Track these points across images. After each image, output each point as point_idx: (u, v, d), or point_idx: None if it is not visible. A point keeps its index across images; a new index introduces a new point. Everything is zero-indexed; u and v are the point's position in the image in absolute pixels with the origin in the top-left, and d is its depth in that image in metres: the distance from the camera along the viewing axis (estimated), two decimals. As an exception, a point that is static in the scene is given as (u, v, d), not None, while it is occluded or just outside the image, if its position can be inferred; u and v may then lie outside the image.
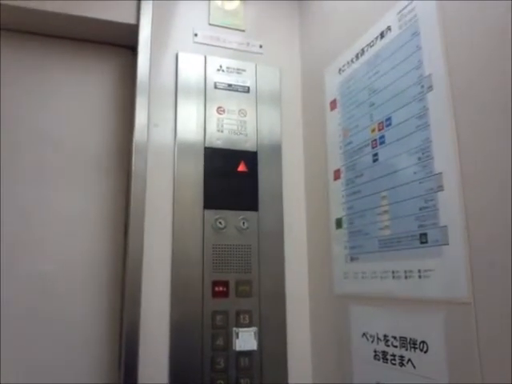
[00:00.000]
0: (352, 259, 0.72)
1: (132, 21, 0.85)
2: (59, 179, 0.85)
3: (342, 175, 0.77)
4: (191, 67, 0.88)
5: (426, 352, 0.56)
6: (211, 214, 0.82)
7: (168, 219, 0.81)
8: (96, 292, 0.83)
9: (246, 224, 0.83)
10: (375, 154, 0.69)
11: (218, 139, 0.86)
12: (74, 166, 0.86)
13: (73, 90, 0.89)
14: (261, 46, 0.95)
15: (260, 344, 0.79)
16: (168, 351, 0.76)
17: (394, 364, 0.61)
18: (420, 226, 0.58)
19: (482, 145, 0.51)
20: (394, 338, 0.61)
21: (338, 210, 0.78)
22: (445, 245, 0.54)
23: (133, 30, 0.85)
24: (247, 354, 0.78)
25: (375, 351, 0.65)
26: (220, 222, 0.82)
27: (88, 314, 0.82)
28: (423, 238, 0.57)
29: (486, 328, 0.49)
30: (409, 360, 0.58)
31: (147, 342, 0.75)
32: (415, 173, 0.60)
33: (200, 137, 0.86)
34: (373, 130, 0.70)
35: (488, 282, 0.49)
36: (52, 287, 0.81)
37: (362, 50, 0.75)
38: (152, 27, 0.86)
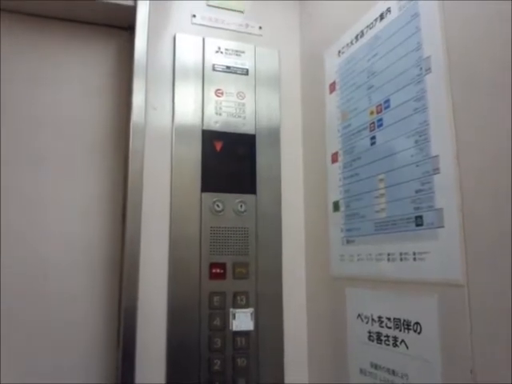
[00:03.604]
0: (348, 242, 0.73)
1: (129, 2, 0.84)
2: (56, 161, 0.85)
3: (340, 158, 0.77)
4: (189, 49, 0.88)
5: (419, 333, 0.56)
6: (209, 197, 0.82)
7: (166, 202, 0.81)
8: (94, 275, 0.84)
9: (243, 207, 0.83)
10: (373, 137, 0.69)
11: (216, 122, 0.86)
12: (71, 148, 0.86)
13: (70, 73, 0.88)
14: (260, 28, 0.94)
15: (256, 324, 0.80)
16: (165, 332, 0.77)
17: (388, 345, 0.61)
18: (416, 209, 0.58)
19: (478, 127, 0.51)
20: (389, 319, 0.62)
21: (335, 193, 0.78)
22: (440, 227, 0.54)
23: (130, 12, 0.84)
24: (244, 334, 0.79)
25: (369, 332, 0.66)
26: (218, 205, 0.82)
27: (86, 296, 0.83)
28: (419, 221, 0.58)
29: (479, 310, 0.49)
30: (402, 341, 0.59)
31: (145, 322, 0.76)
32: (412, 156, 0.60)
33: (198, 119, 0.85)
34: (371, 113, 0.70)
35: (482, 265, 0.49)
36: (50, 270, 0.81)
37: (362, 32, 0.74)
38: (149, 8, 0.84)
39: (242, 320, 0.79)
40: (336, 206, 0.77)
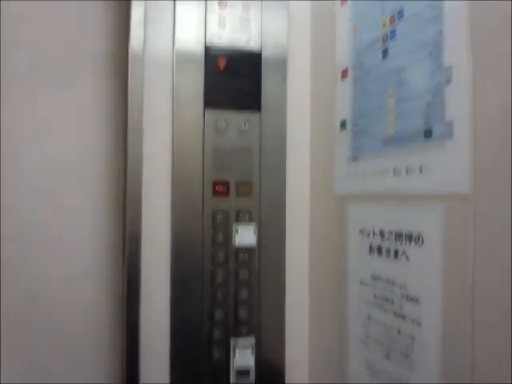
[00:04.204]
0: (354, 159, 0.72)
1: None
2: (54, 83, 0.83)
3: (350, 74, 0.74)
4: (191, -43, 0.82)
5: (420, 246, 0.57)
6: (212, 115, 0.80)
7: (168, 120, 0.79)
8: (96, 195, 0.85)
9: (247, 125, 0.82)
10: (385, 50, 0.66)
11: (219, 38, 0.82)
12: (70, 70, 0.83)
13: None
14: None
15: (259, 241, 0.82)
16: (170, 249, 0.79)
17: (389, 257, 0.63)
18: (425, 123, 0.57)
19: (495, 36, 0.48)
20: (390, 232, 0.62)
21: (343, 111, 0.76)
22: (448, 139, 0.53)
23: None
24: (246, 249, 0.81)
25: (371, 246, 0.67)
26: (221, 123, 0.81)
27: (88, 225, 0.84)
28: (427, 134, 0.56)
29: (484, 223, 0.49)
30: (403, 253, 0.60)
31: (149, 242, 0.78)
32: (424, 67, 0.57)
33: (200, 35, 0.81)
34: (384, 25, 0.66)
35: (490, 178, 0.48)
36: (49, 194, 0.82)
37: None
38: None
39: (245, 235, 0.80)
40: (343, 124, 0.76)
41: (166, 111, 0.80)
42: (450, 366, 0.53)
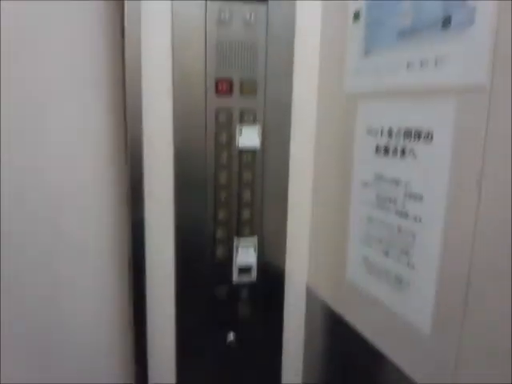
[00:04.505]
0: (366, 53, 0.67)
1: None
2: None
3: (365, -44, 0.67)
4: None
5: (429, 142, 0.55)
6: (215, 5, 0.74)
7: (167, 12, 0.73)
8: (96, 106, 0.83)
9: (253, 17, 0.76)
10: None
11: None
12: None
13: None
14: None
15: (263, 143, 0.80)
16: (172, 149, 0.77)
17: (395, 155, 0.60)
18: (445, 9, 0.52)
19: None
20: (399, 130, 0.60)
21: (356, 1, 0.69)
22: (469, 27, 0.48)
23: None
24: (250, 151, 0.79)
25: (377, 146, 0.64)
26: (224, 15, 0.75)
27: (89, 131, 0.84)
28: (446, 23, 0.51)
29: (497, 118, 0.46)
30: (411, 150, 0.57)
31: (151, 142, 0.76)
32: None
33: None
34: None
35: (510, 69, 0.45)
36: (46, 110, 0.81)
37: None
38: None
39: (249, 136, 0.77)
40: (357, 16, 0.69)
41: (165, 8, 0.74)
42: (448, 264, 0.53)
